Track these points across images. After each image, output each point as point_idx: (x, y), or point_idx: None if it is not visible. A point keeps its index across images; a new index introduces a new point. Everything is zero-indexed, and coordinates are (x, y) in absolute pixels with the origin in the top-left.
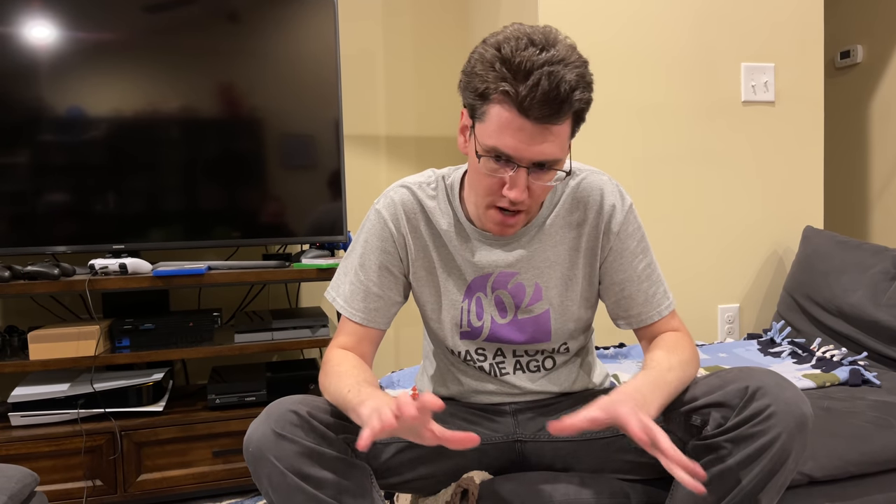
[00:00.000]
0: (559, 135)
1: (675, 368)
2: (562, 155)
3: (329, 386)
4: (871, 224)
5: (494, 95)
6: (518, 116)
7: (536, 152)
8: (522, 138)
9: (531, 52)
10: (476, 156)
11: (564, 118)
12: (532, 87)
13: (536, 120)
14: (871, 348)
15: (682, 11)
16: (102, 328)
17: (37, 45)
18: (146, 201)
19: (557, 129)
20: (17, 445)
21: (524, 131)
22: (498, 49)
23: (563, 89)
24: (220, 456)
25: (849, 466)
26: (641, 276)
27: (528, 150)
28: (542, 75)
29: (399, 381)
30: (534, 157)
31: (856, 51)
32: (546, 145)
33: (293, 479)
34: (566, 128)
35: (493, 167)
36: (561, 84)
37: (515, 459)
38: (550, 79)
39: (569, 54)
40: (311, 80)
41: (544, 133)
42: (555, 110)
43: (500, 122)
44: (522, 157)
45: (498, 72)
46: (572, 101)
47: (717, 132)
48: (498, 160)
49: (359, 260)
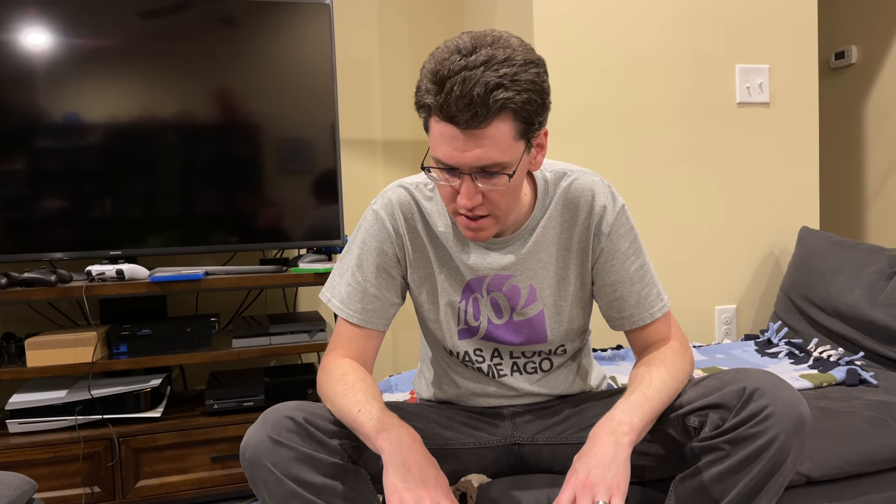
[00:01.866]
0: (493, 138)
1: (658, 383)
2: (503, 158)
3: (333, 398)
4: (866, 224)
5: (426, 108)
6: (446, 125)
7: (472, 157)
8: (455, 146)
9: (453, 59)
10: (423, 168)
11: (490, 120)
12: (447, 95)
13: (463, 126)
14: (867, 348)
15: (676, 13)
16: (100, 334)
17: (33, 51)
18: (143, 207)
19: (489, 132)
20: (14, 452)
21: (456, 139)
22: (430, 62)
23: (477, 92)
24: (218, 461)
25: (846, 466)
26: (634, 277)
27: (462, 157)
28: (456, 82)
29: (397, 384)
30: (471, 163)
31: (850, 51)
32: (481, 150)
33: (290, 484)
34: (503, 130)
35: (443, 176)
36: (475, 87)
37: (513, 462)
38: (464, 84)
39: (494, 55)
40: (307, 84)
41: (475, 138)
42: (473, 114)
43: (435, 133)
44: (460, 164)
45: (426, 85)
46: (491, 103)
47: (712, 134)
48: (446, 170)
49: (356, 261)
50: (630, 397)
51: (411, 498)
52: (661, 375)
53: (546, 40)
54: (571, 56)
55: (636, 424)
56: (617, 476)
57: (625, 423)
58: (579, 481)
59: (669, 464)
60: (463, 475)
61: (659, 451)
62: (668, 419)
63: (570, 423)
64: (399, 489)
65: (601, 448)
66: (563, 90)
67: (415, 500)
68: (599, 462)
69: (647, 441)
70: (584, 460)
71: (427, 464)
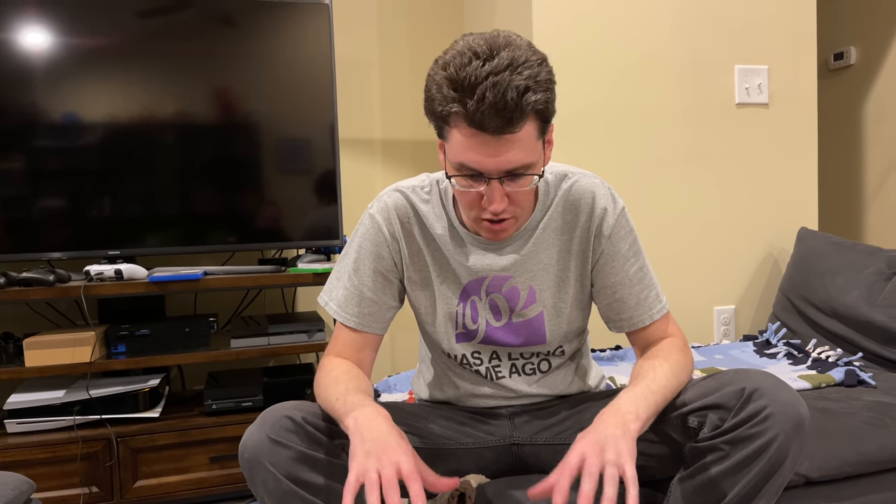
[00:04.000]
0: (522, 140)
1: (661, 378)
2: (531, 159)
3: (321, 392)
4: (865, 225)
5: (450, 117)
6: (476, 132)
7: (503, 162)
8: (486, 152)
9: (475, 65)
10: (447, 176)
11: (521, 124)
12: (479, 102)
13: (494, 132)
14: (866, 349)
15: (675, 14)
16: (98, 334)
17: (32, 50)
18: (142, 206)
19: (519, 136)
20: (13, 452)
21: (486, 145)
22: (445, 69)
23: (511, 97)
24: (216, 462)
25: (845, 467)
26: (633, 279)
27: (493, 163)
28: (487, 88)
29: (395, 385)
30: (501, 168)
31: (849, 52)
32: (511, 154)
33: (288, 484)
34: (529, 132)
35: (467, 183)
36: (507, 92)
37: (512, 462)
38: (496, 90)
39: (515, 58)
40: (306, 84)
41: (506, 143)
42: (507, 120)
43: (462, 141)
44: (490, 170)
45: (447, 93)
46: (524, 107)
47: (711, 134)
48: (470, 176)
49: (353, 265)
50: (634, 388)
51: (372, 464)
52: (665, 371)
53: (545, 42)
54: (570, 58)
55: (641, 414)
56: (626, 448)
57: (630, 412)
58: (587, 443)
59: (668, 464)
60: (462, 475)
61: (658, 451)
62: (667, 419)
63: (568, 423)
64: (358, 457)
65: (608, 427)
66: (562, 92)
67: (375, 466)
68: (608, 435)
69: (647, 441)
70: (590, 434)
71: (388, 431)
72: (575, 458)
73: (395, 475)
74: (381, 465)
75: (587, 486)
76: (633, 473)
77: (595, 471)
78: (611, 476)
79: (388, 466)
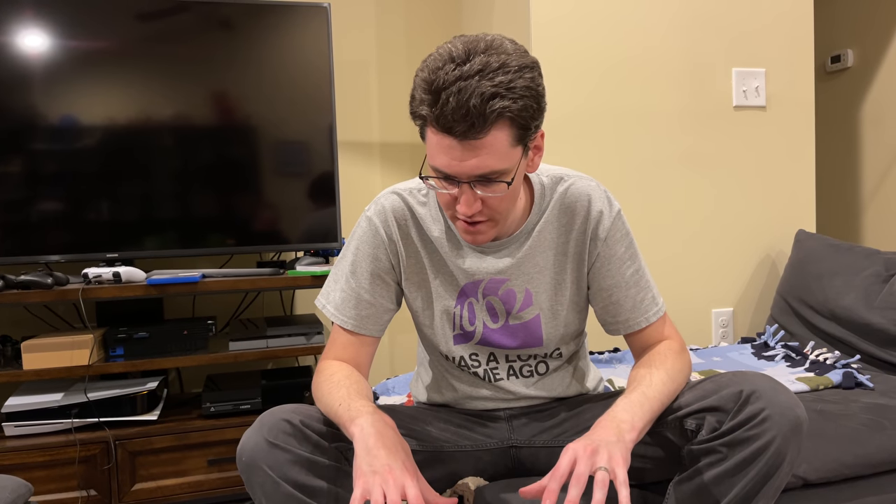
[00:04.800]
0: (492, 147)
1: (657, 384)
2: (501, 166)
3: (321, 397)
4: (862, 227)
5: (424, 119)
6: (443, 136)
7: (470, 167)
8: (453, 156)
9: (446, 69)
10: (421, 176)
11: (486, 130)
12: (443, 106)
13: (460, 137)
14: (863, 351)
15: (673, 17)
16: (96, 337)
17: (30, 53)
18: (140, 209)
19: (487, 142)
20: (10, 455)
21: (453, 149)
22: (423, 71)
23: (474, 103)
24: (214, 464)
25: (843, 469)
26: (629, 281)
27: (461, 167)
28: (451, 94)
29: (394, 387)
30: (469, 172)
31: (846, 55)
32: (479, 160)
33: (286, 488)
34: (499, 138)
35: (441, 185)
36: (471, 99)
37: (510, 465)
38: (459, 96)
39: (489, 63)
40: (305, 86)
41: (473, 148)
42: (470, 125)
43: (432, 143)
44: (459, 174)
45: (421, 95)
46: (488, 114)
47: (708, 137)
48: (444, 178)
49: (350, 267)
50: (630, 396)
51: (377, 481)
52: (661, 376)
53: (543, 43)
54: (569, 59)
55: (637, 423)
56: (620, 453)
57: (626, 421)
58: (580, 446)
59: (666, 466)
60: (460, 478)
61: (656, 454)
62: (665, 422)
63: (567, 425)
64: (364, 473)
65: (603, 434)
66: (560, 93)
67: (380, 483)
68: (602, 440)
69: (645, 444)
70: (584, 438)
71: (395, 448)
72: (566, 462)
73: (399, 499)
74: (387, 487)
75: (573, 492)
76: (624, 477)
77: (584, 475)
78: (601, 480)
79: (393, 489)
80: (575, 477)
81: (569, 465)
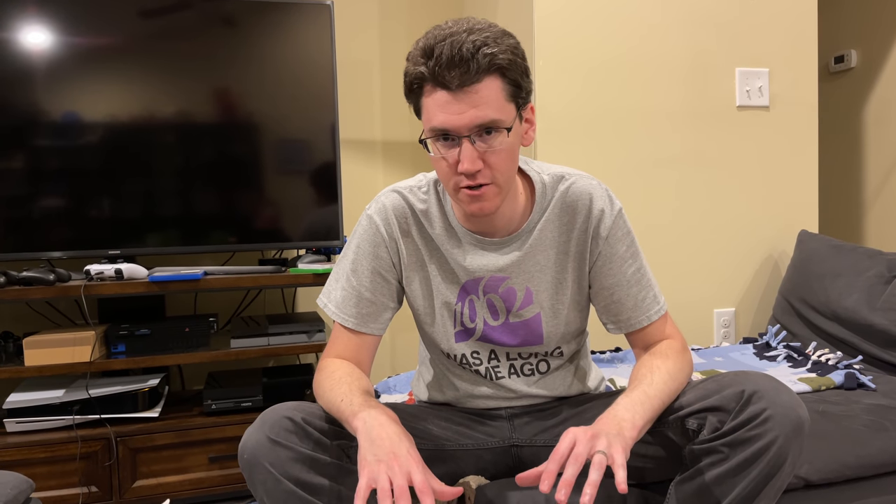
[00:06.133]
0: (488, 97)
1: (658, 383)
2: (498, 115)
3: (323, 393)
4: (865, 228)
5: (418, 83)
6: (440, 91)
7: (470, 118)
8: (451, 109)
9: (437, 32)
10: (424, 144)
11: (480, 76)
12: (437, 58)
13: (456, 87)
14: (866, 352)
15: (676, 16)
16: (98, 334)
17: (32, 50)
18: (142, 206)
19: (481, 90)
20: (12, 452)
21: (451, 103)
22: (417, 43)
23: (466, 49)
24: (215, 462)
25: (845, 470)
26: (631, 280)
27: (460, 119)
28: (444, 46)
29: (395, 385)
30: (469, 124)
31: (850, 55)
32: (476, 110)
33: (288, 485)
34: (493, 88)
35: (441, 148)
36: (463, 46)
37: (512, 464)
38: (452, 45)
39: (475, 24)
40: (307, 85)
41: (469, 98)
42: (464, 69)
43: (430, 104)
44: (459, 127)
45: (415, 61)
46: (480, 58)
47: (712, 137)
48: (443, 138)
49: (351, 266)
50: (632, 394)
51: (382, 469)
52: (662, 375)
53: (547, 42)
54: (572, 58)
55: (638, 422)
56: (620, 444)
57: (627, 420)
58: (580, 430)
59: (668, 466)
60: (461, 476)
61: (657, 454)
62: (666, 421)
63: (568, 424)
64: (369, 462)
65: (604, 427)
66: (564, 92)
67: (385, 471)
68: (602, 429)
69: (646, 443)
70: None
71: (398, 437)
72: (566, 444)
73: (406, 485)
74: (393, 474)
75: (570, 471)
76: (622, 461)
77: (582, 456)
78: (598, 461)
79: (399, 475)
80: (573, 457)
81: (568, 447)
